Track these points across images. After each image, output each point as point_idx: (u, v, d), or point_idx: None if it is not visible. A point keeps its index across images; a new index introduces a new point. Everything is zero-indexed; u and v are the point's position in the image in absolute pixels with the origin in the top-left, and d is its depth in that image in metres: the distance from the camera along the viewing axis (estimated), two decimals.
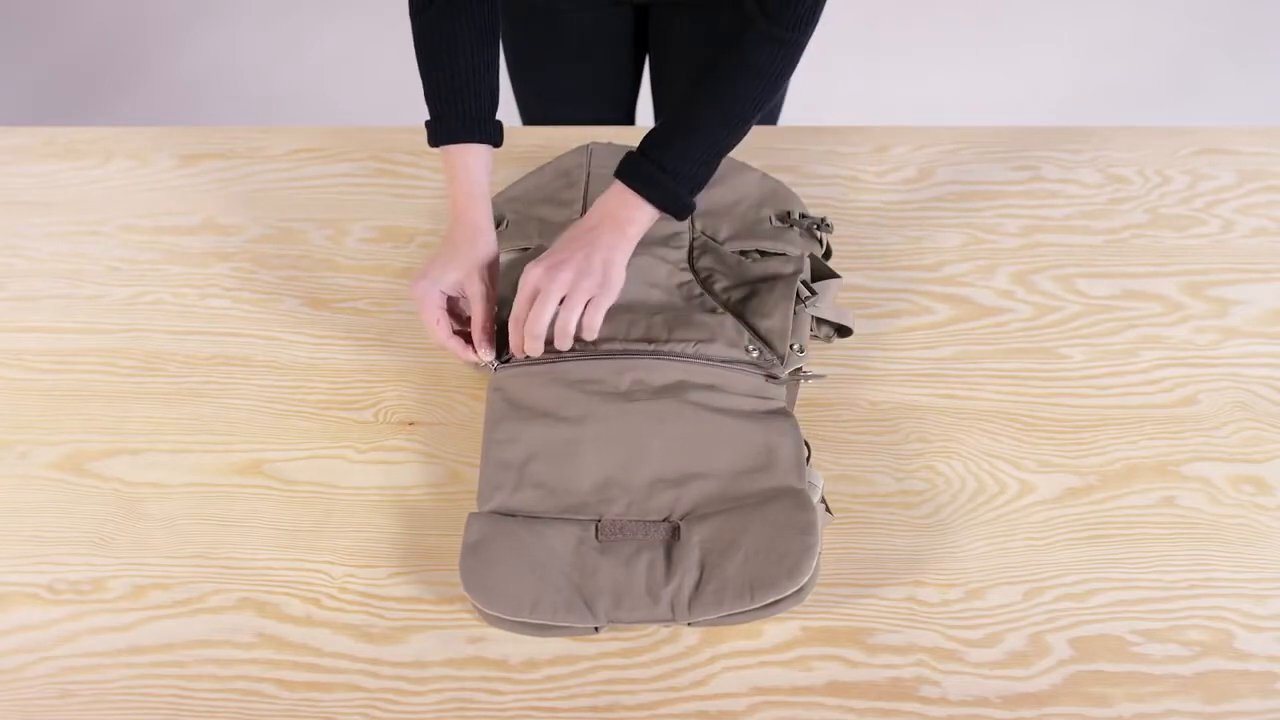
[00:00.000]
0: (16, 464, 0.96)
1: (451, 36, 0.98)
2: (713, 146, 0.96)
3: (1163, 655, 0.84)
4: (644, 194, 0.95)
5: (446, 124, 0.99)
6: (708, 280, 1.04)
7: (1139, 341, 1.04)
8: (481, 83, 0.99)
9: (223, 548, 0.90)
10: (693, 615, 0.82)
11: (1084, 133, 1.22)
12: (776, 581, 0.81)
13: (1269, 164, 1.19)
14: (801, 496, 0.86)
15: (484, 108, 1.00)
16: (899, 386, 1.00)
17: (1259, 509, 0.92)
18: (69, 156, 1.21)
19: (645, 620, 0.82)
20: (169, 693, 0.82)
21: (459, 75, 0.98)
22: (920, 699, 0.81)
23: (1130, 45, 2.54)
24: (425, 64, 0.99)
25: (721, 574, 0.82)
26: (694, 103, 0.95)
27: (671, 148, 0.95)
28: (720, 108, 0.94)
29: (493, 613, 0.82)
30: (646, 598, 0.82)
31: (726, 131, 0.95)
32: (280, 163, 1.20)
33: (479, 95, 0.99)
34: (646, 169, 0.95)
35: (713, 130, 0.95)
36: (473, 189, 0.99)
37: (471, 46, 0.98)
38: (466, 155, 0.99)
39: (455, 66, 0.98)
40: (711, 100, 0.94)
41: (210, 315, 1.06)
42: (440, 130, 0.99)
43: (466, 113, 0.99)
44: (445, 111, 0.99)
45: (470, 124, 0.99)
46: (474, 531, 0.86)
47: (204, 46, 2.55)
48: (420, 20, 0.99)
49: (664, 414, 0.92)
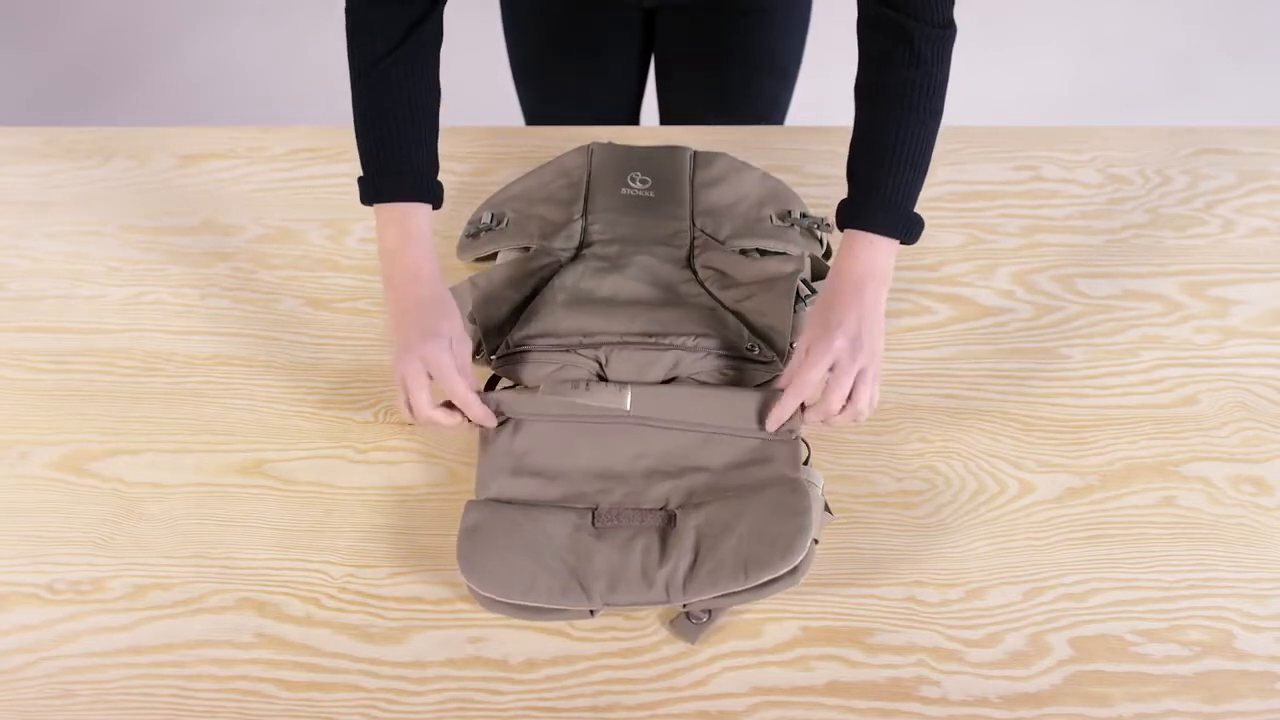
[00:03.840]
0: (16, 464, 0.96)
1: (407, 92, 0.94)
2: (919, 159, 0.92)
3: (1163, 655, 0.84)
4: (888, 233, 0.92)
5: (399, 180, 0.95)
6: (707, 279, 1.04)
7: (1139, 341, 1.04)
8: (433, 140, 0.97)
9: (223, 548, 0.90)
10: (687, 596, 0.82)
11: (1084, 133, 1.22)
12: (770, 561, 0.82)
13: (1269, 164, 1.19)
14: (796, 483, 0.87)
15: (433, 167, 0.98)
16: (899, 386, 1.00)
17: (1259, 509, 0.92)
18: (69, 156, 1.21)
19: (640, 602, 0.83)
20: (169, 693, 0.82)
21: (411, 132, 0.95)
22: (920, 699, 0.81)
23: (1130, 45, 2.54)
24: (375, 119, 0.95)
25: (716, 555, 0.83)
26: (880, 125, 0.92)
27: (883, 177, 0.91)
28: (909, 118, 0.91)
29: (488, 594, 0.83)
30: (641, 580, 0.83)
31: (923, 142, 0.92)
32: (280, 163, 1.20)
33: (430, 154, 0.97)
34: (875, 209, 0.92)
35: (909, 143, 0.91)
36: (429, 251, 0.95)
37: (425, 103, 0.96)
38: (419, 215, 0.96)
39: (409, 122, 0.95)
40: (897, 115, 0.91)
41: (210, 315, 1.06)
42: (388, 186, 0.95)
43: (419, 170, 0.96)
44: (399, 168, 0.95)
45: (422, 182, 0.96)
46: (471, 517, 0.87)
47: (204, 46, 2.55)
48: (372, 76, 0.94)
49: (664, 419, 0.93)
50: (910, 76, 0.91)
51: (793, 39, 1.27)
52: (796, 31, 1.27)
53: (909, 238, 0.93)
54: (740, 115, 1.28)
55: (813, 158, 1.20)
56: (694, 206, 1.09)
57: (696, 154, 1.14)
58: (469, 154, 1.20)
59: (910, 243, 0.94)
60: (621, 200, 1.09)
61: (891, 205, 0.92)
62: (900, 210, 0.92)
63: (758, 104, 1.30)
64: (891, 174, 0.91)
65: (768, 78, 1.28)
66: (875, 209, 0.92)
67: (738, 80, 1.27)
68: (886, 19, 0.91)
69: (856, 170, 0.94)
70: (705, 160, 1.13)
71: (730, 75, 1.27)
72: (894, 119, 0.92)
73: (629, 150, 1.14)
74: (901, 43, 0.90)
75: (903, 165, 0.92)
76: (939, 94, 0.92)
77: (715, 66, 1.26)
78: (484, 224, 1.08)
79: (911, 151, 0.92)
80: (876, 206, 0.92)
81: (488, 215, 1.09)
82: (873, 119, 0.93)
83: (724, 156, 1.14)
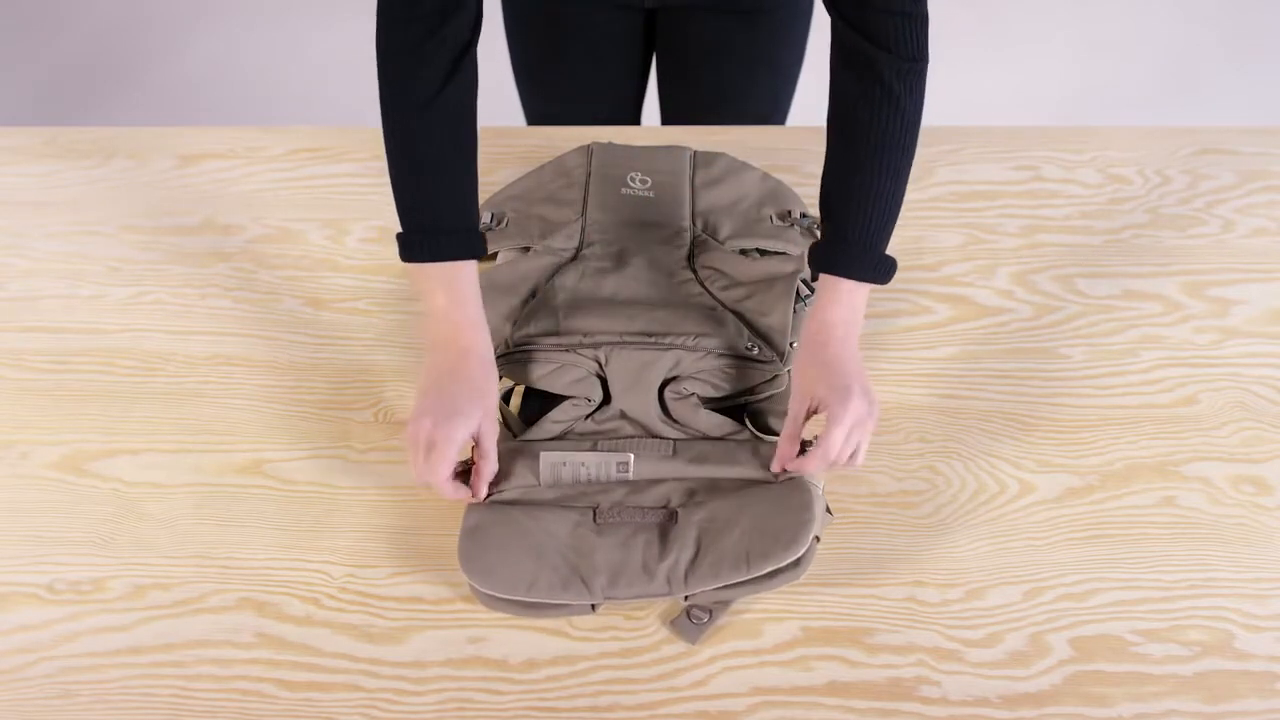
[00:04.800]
0: (16, 464, 0.96)
1: (453, 140, 0.90)
2: (891, 198, 0.90)
3: (1163, 655, 0.84)
4: (865, 278, 0.90)
5: (454, 238, 0.90)
6: (707, 278, 1.04)
7: (1139, 341, 1.04)
8: (476, 191, 0.93)
9: (223, 548, 0.90)
10: (689, 587, 0.83)
11: (1084, 133, 1.22)
12: (772, 553, 0.82)
13: (1269, 164, 1.19)
14: (798, 481, 0.87)
15: (476, 220, 0.93)
16: (899, 386, 1.00)
17: (1259, 509, 0.92)
18: (69, 156, 1.21)
19: (642, 595, 0.83)
20: (169, 693, 0.82)
21: (462, 183, 0.91)
22: (920, 699, 0.81)
23: (1130, 46, 2.54)
24: (418, 168, 0.90)
25: (718, 548, 0.84)
26: (852, 164, 0.90)
27: (856, 221, 0.89)
28: (881, 157, 0.89)
29: (490, 592, 0.83)
30: (643, 574, 0.83)
31: (894, 178, 0.90)
32: (280, 163, 1.20)
33: (474, 205, 0.93)
34: (849, 254, 0.90)
35: (881, 182, 0.89)
36: (481, 315, 0.91)
37: (470, 151, 0.92)
38: (466, 273, 0.91)
39: (457, 172, 0.91)
40: (868, 154, 0.89)
41: (210, 315, 1.06)
42: (440, 244, 0.90)
43: (469, 226, 0.91)
44: (455, 224, 0.90)
45: (471, 239, 0.91)
46: (472, 518, 0.87)
47: (204, 46, 2.55)
48: (412, 122, 0.89)
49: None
50: (881, 114, 0.88)
51: (793, 39, 1.27)
52: (797, 31, 1.27)
53: (883, 279, 0.91)
54: (740, 115, 1.28)
55: (813, 158, 1.20)
56: (694, 206, 1.09)
57: (696, 154, 1.14)
58: None
59: (883, 283, 0.92)
60: (621, 200, 1.09)
61: (866, 249, 0.90)
62: (873, 253, 0.90)
63: (758, 104, 1.30)
64: (864, 217, 0.89)
65: (768, 78, 1.28)
66: (853, 256, 0.90)
67: (738, 80, 1.27)
68: (859, 51, 0.88)
69: (830, 212, 0.92)
70: (705, 160, 1.13)
71: (730, 75, 1.27)
72: (866, 159, 0.89)
73: (629, 150, 1.14)
74: (872, 77, 0.87)
75: (875, 207, 0.89)
76: (911, 130, 0.89)
77: (716, 66, 1.26)
78: (484, 224, 1.08)
79: (883, 191, 0.89)
80: (855, 253, 0.90)
81: (488, 215, 1.09)
82: (845, 158, 0.90)
83: (724, 156, 1.14)
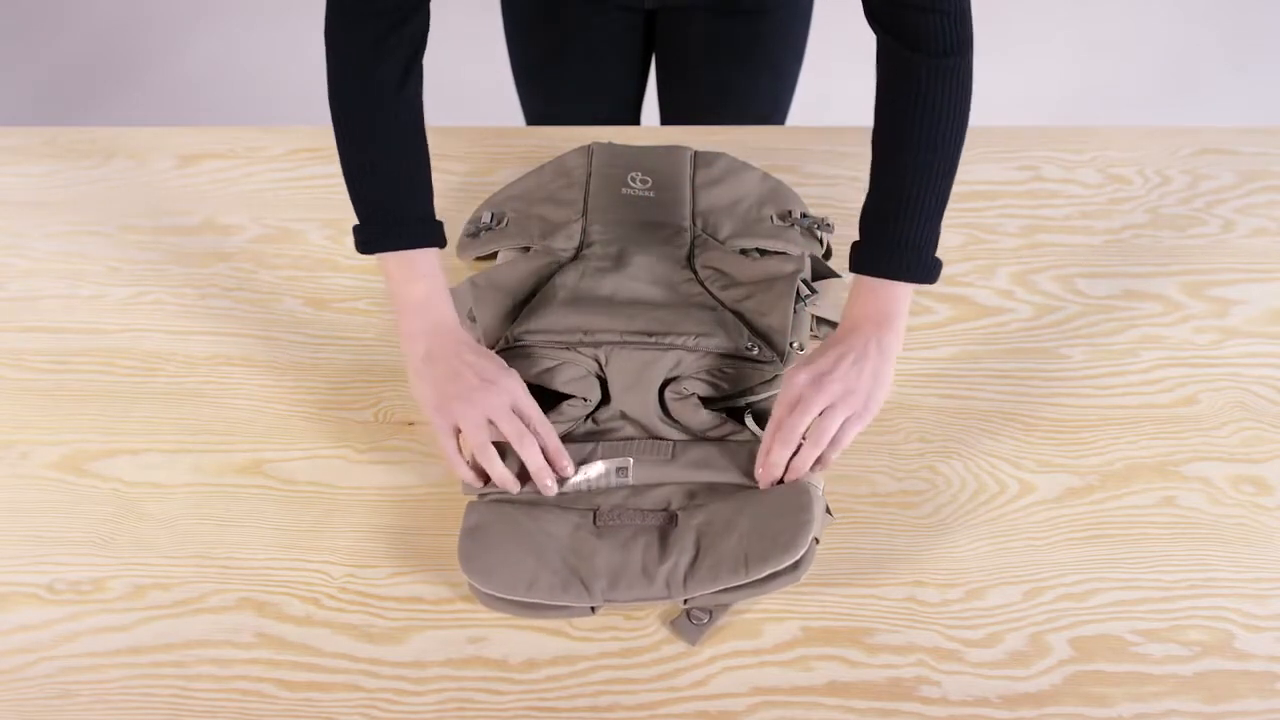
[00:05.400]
0: (16, 464, 0.96)
1: (416, 132, 0.92)
2: (935, 195, 0.89)
3: (1163, 655, 0.84)
4: (897, 276, 0.90)
5: (425, 226, 0.93)
6: (707, 278, 1.04)
7: (1139, 341, 1.04)
8: (432, 185, 0.94)
9: (222, 548, 0.90)
10: (688, 591, 0.83)
11: (1084, 133, 1.22)
12: (771, 555, 0.82)
13: (1269, 164, 1.19)
14: (797, 483, 0.87)
15: (434, 211, 0.95)
16: (898, 386, 1.00)
17: (1259, 509, 0.92)
18: (69, 156, 1.21)
19: (641, 598, 0.83)
20: (169, 693, 0.82)
21: (426, 175, 0.93)
22: (920, 699, 0.81)
23: (1130, 46, 2.54)
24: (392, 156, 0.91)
25: (717, 551, 0.84)
26: (894, 163, 0.89)
27: (898, 218, 0.89)
28: (922, 156, 0.88)
29: (490, 592, 0.83)
30: (642, 577, 0.83)
31: (940, 176, 0.89)
32: (280, 163, 1.20)
33: (432, 198, 0.95)
34: (886, 251, 0.90)
35: (925, 180, 0.88)
36: (451, 304, 0.93)
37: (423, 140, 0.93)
38: (435, 260, 0.93)
39: (422, 164, 0.93)
40: (912, 152, 0.88)
41: (210, 315, 1.06)
42: (414, 232, 0.92)
43: (433, 215, 0.94)
44: (424, 213, 0.93)
45: (438, 227, 0.94)
46: (472, 517, 0.87)
47: (204, 46, 2.55)
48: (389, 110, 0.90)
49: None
50: (914, 116, 0.87)
51: (793, 39, 1.27)
52: (797, 31, 1.27)
53: (927, 278, 0.91)
54: (740, 115, 1.28)
55: (813, 158, 1.20)
56: (694, 206, 1.09)
57: (696, 154, 1.14)
58: (469, 154, 1.20)
59: (930, 281, 0.91)
60: (622, 200, 1.09)
61: (905, 248, 0.89)
62: (914, 252, 0.90)
63: (758, 104, 1.30)
64: (902, 219, 0.89)
65: (768, 78, 1.28)
66: (888, 254, 0.90)
67: (738, 80, 1.27)
68: (892, 52, 0.88)
69: (876, 215, 0.91)
70: (705, 160, 1.13)
71: (730, 75, 1.27)
72: (903, 161, 0.89)
73: (629, 150, 1.14)
74: (905, 78, 0.87)
75: (912, 208, 0.89)
76: (950, 125, 0.88)
77: (716, 67, 1.26)
78: (484, 223, 1.08)
79: (920, 193, 0.89)
80: (892, 251, 0.89)
81: (488, 215, 1.09)
82: (884, 161, 0.91)
83: (724, 156, 1.14)
